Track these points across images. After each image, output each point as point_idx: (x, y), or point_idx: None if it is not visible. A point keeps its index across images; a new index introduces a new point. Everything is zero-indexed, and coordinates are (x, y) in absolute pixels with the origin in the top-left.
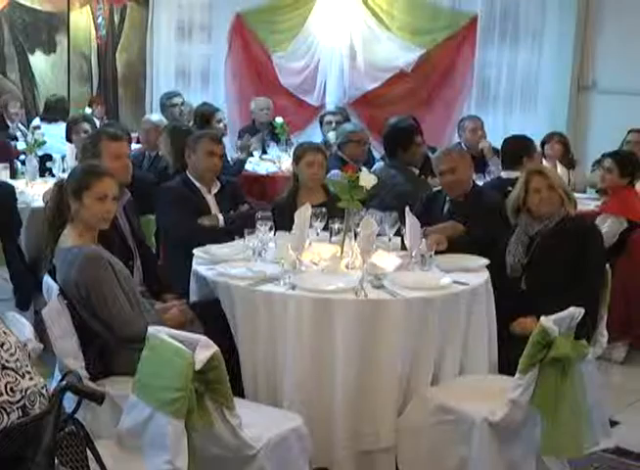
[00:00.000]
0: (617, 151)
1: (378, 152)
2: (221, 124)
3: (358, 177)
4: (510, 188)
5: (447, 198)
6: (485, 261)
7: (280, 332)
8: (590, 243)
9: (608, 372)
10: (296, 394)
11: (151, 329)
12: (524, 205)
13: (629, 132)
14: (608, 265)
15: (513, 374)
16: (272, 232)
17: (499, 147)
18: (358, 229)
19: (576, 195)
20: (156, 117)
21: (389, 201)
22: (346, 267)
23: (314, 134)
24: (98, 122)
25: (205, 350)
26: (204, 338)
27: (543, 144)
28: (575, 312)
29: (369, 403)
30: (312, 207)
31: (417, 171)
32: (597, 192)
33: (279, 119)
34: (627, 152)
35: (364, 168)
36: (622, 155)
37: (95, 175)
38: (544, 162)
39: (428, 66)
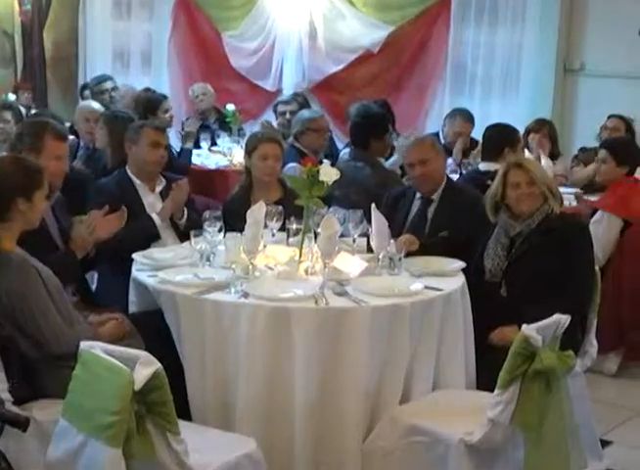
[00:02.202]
0: (609, 139)
1: (341, 141)
2: (167, 115)
3: (318, 171)
4: (490, 182)
5: (417, 195)
6: (461, 265)
7: (231, 346)
8: (577, 243)
9: (598, 386)
10: (249, 415)
11: (83, 344)
12: (502, 201)
13: (608, 118)
14: (597, 267)
15: (492, 390)
16: (222, 234)
17: (476, 136)
18: (319, 229)
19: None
20: (96, 103)
21: (355, 197)
22: (305, 272)
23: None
24: (24, 111)
25: (146, 367)
26: (144, 354)
27: (527, 133)
28: (561, 320)
29: (331, 427)
30: (267, 204)
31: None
32: (582, 189)
33: (230, 107)
34: (620, 138)
35: (325, 161)
36: (615, 141)
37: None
38: (527, 153)
39: (397, 46)
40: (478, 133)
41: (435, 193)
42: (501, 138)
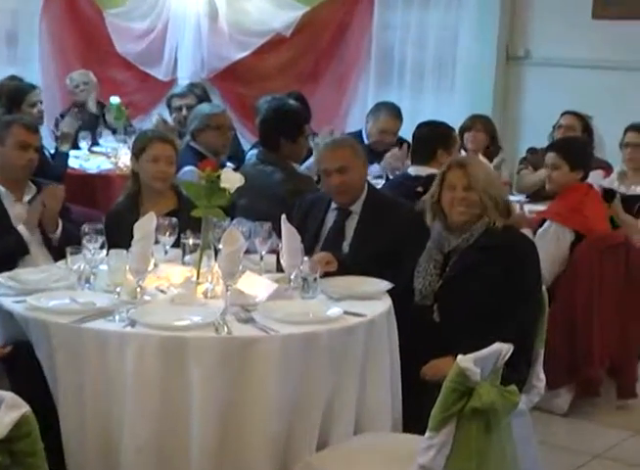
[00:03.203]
0: (559, 140)
1: (248, 141)
2: (35, 110)
3: (219, 176)
4: (420, 189)
5: (332, 205)
6: (387, 286)
7: (115, 384)
8: (522, 261)
9: (548, 427)
10: (138, 464)
11: None
12: (438, 204)
13: (562, 115)
14: (544, 288)
15: (423, 432)
16: (104, 251)
17: (405, 136)
18: (220, 245)
19: None
20: None
21: (263, 207)
22: (204, 296)
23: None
24: None
25: (12, 410)
26: (10, 394)
27: (463, 132)
28: (502, 349)
29: None
30: (158, 216)
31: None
32: (528, 197)
33: (114, 99)
34: (571, 138)
35: (229, 164)
36: (567, 143)
37: None
38: (463, 154)
39: (312, 29)
40: (407, 132)
41: (355, 204)
42: (433, 138)
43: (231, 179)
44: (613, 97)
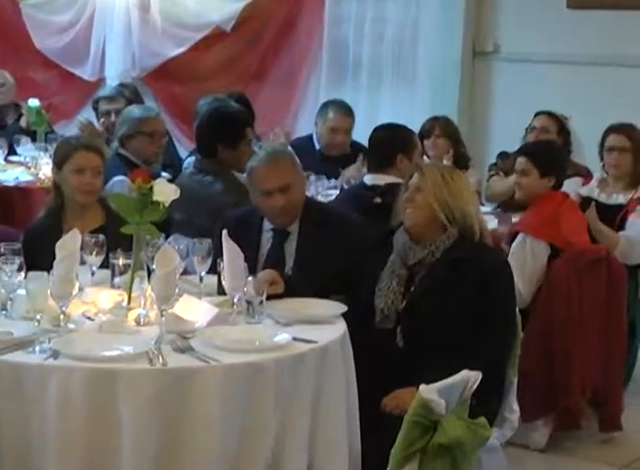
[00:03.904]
0: (529, 143)
1: (185, 148)
2: None
3: (152, 188)
4: (378, 200)
5: (266, 226)
6: (342, 308)
7: (36, 422)
8: (494, 280)
9: (523, 464)
10: None
11: None
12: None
13: (535, 115)
14: (518, 309)
15: None
16: (22, 273)
17: (361, 140)
18: (153, 266)
19: None
20: None
21: (201, 222)
22: (136, 323)
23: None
24: None
25: None
26: None
27: (422, 138)
28: (470, 378)
29: None
30: (84, 233)
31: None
32: (499, 207)
33: (33, 102)
34: (543, 143)
35: (164, 174)
36: (537, 147)
37: None
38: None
39: (256, 22)
40: (364, 136)
41: (293, 224)
42: (392, 142)
43: (165, 191)
44: (592, 96)
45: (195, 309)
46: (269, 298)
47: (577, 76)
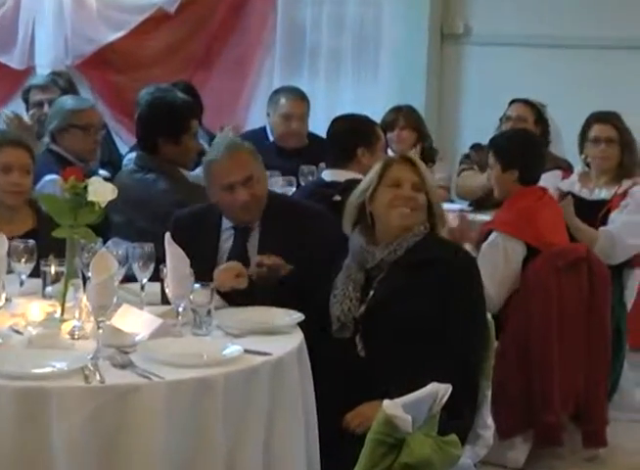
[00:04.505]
0: (495, 135)
1: (125, 143)
2: None
3: (87, 187)
4: (337, 197)
5: (225, 224)
6: (298, 317)
7: None
8: (462, 281)
9: None
10: None
11: None
12: (363, 209)
13: (511, 104)
14: (490, 314)
15: None
16: None
17: (319, 133)
18: (89, 273)
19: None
20: None
21: (143, 224)
22: (71, 336)
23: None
24: None
25: None
26: None
27: (385, 130)
28: (439, 391)
29: None
30: (11, 238)
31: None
32: (471, 205)
33: None
34: (506, 133)
35: (102, 171)
36: (499, 138)
37: None
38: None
39: (203, 3)
40: (322, 128)
41: (257, 220)
42: (352, 135)
43: (101, 191)
44: (572, 81)
45: (135, 321)
46: (228, 295)
47: (557, 60)
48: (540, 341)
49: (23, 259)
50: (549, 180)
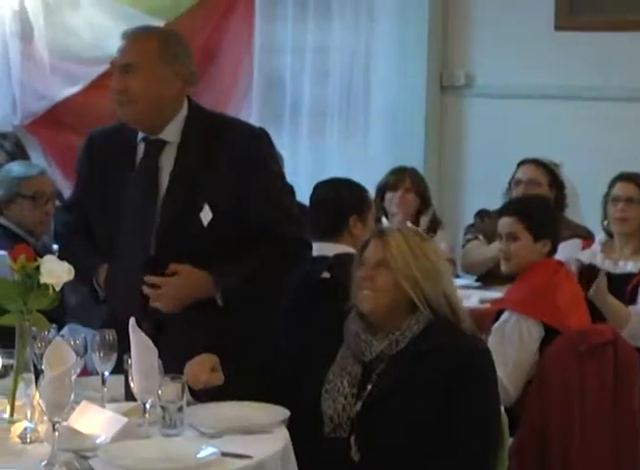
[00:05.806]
0: (515, 200)
1: None
2: None
3: (39, 267)
4: (326, 274)
5: (140, 135)
6: (284, 414)
7: None
8: (470, 373)
9: None
10: None
11: None
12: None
13: (520, 165)
14: (503, 408)
15: None
16: None
17: (302, 199)
18: (43, 366)
19: None
20: None
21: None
22: (21, 440)
23: None
24: None
25: None
26: None
27: (384, 192)
28: None
29: None
30: None
31: None
32: (479, 279)
33: None
34: (533, 198)
35: (55, 247)
36: (527, 204)
37: None
38: (384, 223)
39: None
40: (304, 194)
41: (169, 129)
42: (342, 202)
43: (56, 271)
44: (586, 136)
45: (96, 420)
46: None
47: (567, 113)
48: (560, 435)
49: None
50: (567, 250)
